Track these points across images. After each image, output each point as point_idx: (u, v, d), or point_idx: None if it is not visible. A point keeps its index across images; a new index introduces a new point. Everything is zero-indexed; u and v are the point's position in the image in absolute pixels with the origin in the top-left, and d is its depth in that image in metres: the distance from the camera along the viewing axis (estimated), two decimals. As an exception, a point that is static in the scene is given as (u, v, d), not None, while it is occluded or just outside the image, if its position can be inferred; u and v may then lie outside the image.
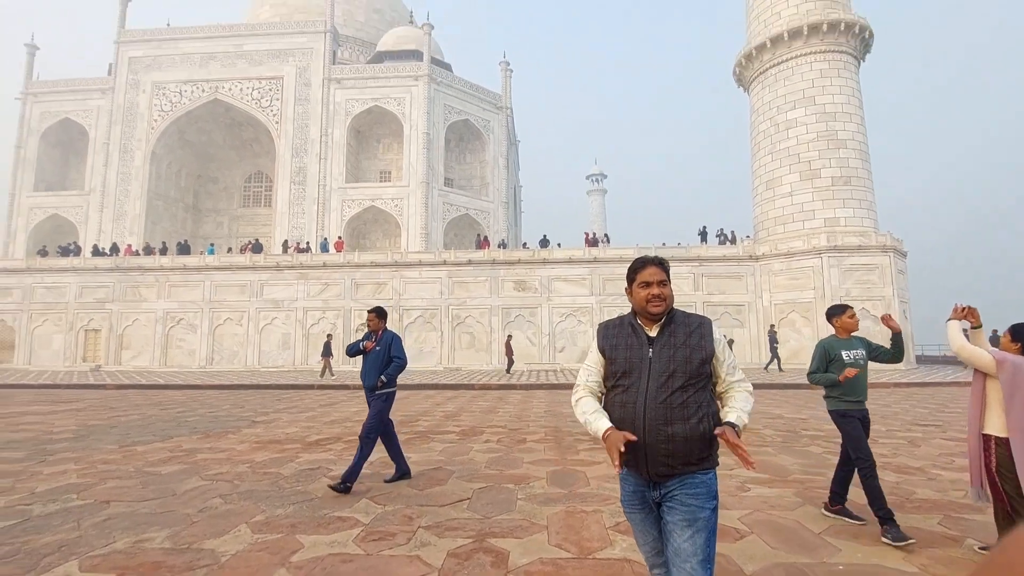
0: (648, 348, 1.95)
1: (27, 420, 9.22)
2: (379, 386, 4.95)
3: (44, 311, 25.64)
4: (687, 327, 1.97)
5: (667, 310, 1.99)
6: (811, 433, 7.40)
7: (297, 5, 42.03)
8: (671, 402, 1.86)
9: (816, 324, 20.95)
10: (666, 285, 2.00)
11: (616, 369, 1.98)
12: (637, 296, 2.02)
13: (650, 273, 2.01)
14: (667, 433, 1.84)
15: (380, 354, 5.04)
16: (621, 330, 2.05)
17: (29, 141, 34.29)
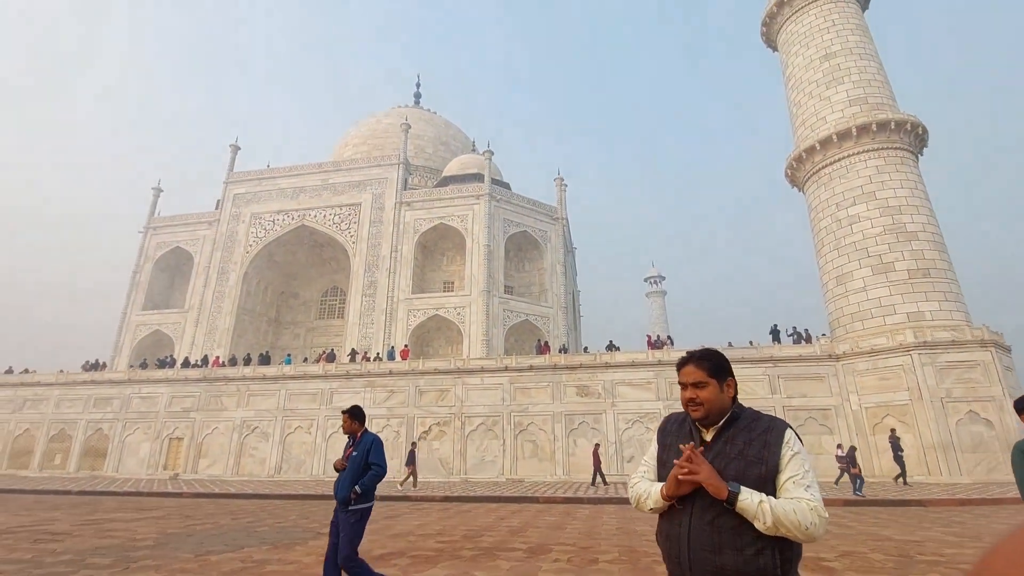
0: None
1: (113, 526, 9.66)
2: (352, 499, 4.24)
3: (137, 420, 27.59)
4: (749, 433, 1.71)
5: (711, 415, 1.76)
6: (929, 558, 6.41)
7: (375, 144, 48.05)
8: (720, 525, 1.57)
9: (917, 429, 18.76)
10: (703, 388, 1.76)
11: (665, 473, 1.75)
12: (681, 398, 1.83)
13: (686, 373, 1.80)
14: (715, 564, 1.56)
15: (357, 460, 4.37)
16: (680, 428, 1.85)
17: (145, 267, 39.45)
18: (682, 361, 1.86)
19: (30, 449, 28.24)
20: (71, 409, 28.66)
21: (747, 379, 22.04)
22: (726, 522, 1.59)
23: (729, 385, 1.79)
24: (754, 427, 1.72)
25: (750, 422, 1.74)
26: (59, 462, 27.61)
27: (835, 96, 25.01)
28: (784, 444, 1.66)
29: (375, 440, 4.50)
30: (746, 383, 21.99)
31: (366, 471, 4.32)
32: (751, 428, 1.72)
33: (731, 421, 1.75)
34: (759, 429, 1.71)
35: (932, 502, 12.53)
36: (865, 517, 10.59)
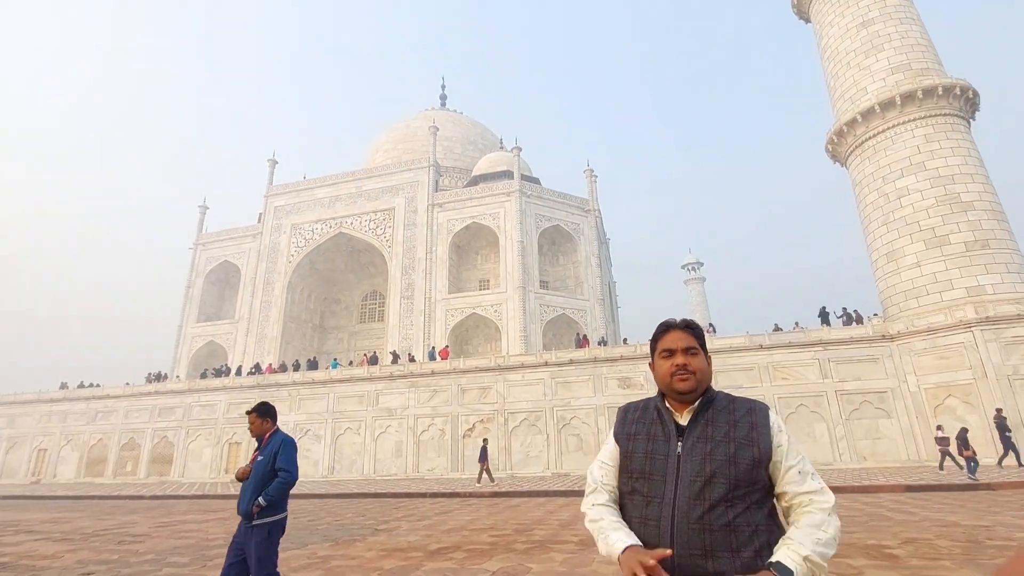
0: (676, 441, 1.51)
1: (186, 528, 10.31)
2: (254, 512, 3.57)
3: (198, 427, 29.13)
4: (731, 414, 1.53)
5: (700, 389, 1.55)
6: (999, 543, 6.15)
7: (405, 148, 48.85)
8: (711, 522, 1.37)
9: (982, 409, 17.79)
10: (697, 354, 1.58)
11: (633, 468, 1.53)
12: (660, 369, 1.60)
13: (674, 338, 1.60)
14: (707, 570, 1.34)
15: (263, 466, 3.70)
16: (644, 415, 1.62)
17: (196, 281, 41.49)
18: (665, 327, 1.66)
19: (104, 457, 30.23)
20: (138, 419, 30.50)
21: (796, 364, 21.42)
22: (718, 518, 1.37)
23: (709, 360, 1.62)
24: (734, 408, 1.54)
25: (728, 403, 1.57)
26: (130, 469, 29.46)
27: (875, 65, 23.84)
28: (773, 427, 1.51)
29: (285, 442, 3.82)
30: (795, 368, 21.38)
31: (274, 478, 3.66)
32: (731, 409, 1.54)
33: (709, 401, 1.56)
34: (741, 410, 1.53)
35: (1001, 485, 11.92)
36: (930, 503, 10.19)
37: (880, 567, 5.22)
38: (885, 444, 19.54)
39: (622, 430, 1.63)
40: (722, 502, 1.38)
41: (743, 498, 1.41)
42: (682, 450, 1.48)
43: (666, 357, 1.59)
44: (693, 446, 1.48)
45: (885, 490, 12.47)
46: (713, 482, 1.41)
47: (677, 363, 1.55)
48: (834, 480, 14.55)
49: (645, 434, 1.57)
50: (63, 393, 33.12)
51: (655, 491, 1.46)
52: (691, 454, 1.47)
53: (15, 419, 32.99)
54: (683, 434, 1.51)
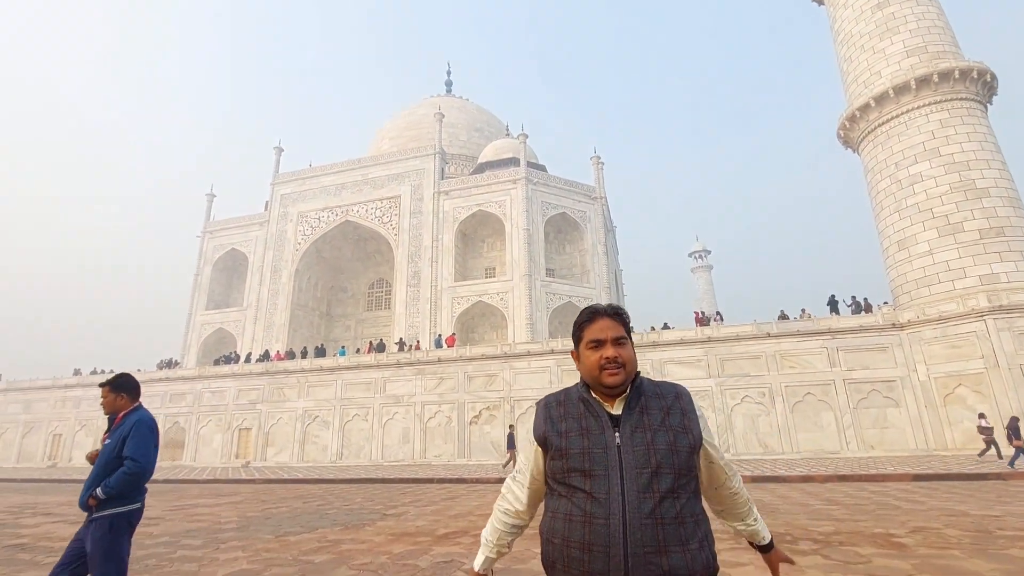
0: (613, 432, 1.42)
1: (198, 511, 10.47)
2: (91, 505, 3.00)
3: (209, 413, 29.52)
4: (661, 400, 1.48)
5: (627, 380, 1.48)
6: (1010, 534, 6.12)
7: (411, 135, 48.63)
8: (662, 515, 1.31)
9: (994, 399, 17.65)
10: (626, 344, 1.50)
11: (570, 465, 1.41)
12: (587, 361, 1.51)
13: (602, 327, 1.51)
14: (661, 568, 1.28)
15: (109, 451, 3.06)
16: (569, 408, 1.51)
17: (205, 269, 41.77)
18: (590, 314, 1.56)
19: (117, 442, 30.71)
20: (150, 405, 30.81)
21: (803, 352, 21.31)
22: (667, 510, 1.32)
23: (633, 347, 1.55)
24: (662, 393, 1.50)
25: (655, 388, 1.52)
26: (143, 453, 29.94)
27: (890, 48, 23.34)
28: (699, 411, 1.50)
29: (139, 423, 3.14)
30: (802, 356, 21.28)
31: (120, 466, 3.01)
32: (660, 395, 1.50)
33: (638, 388, 1.50)
34: (669, 395, 1.50)
35: (1013, 475, 11.86)
36: (938, 492, 10.16)
37: (888, 556, 5.21)
38: (893, 433, 19.47)
39: (551, 428, 1.49)
40: (670, 494, 1.34)
41: (684, 487, 1.38)
42: (621, 440, 1.40)
43: (594, 348, 1.50)
44: (632, 435, 1.40)
45: (893, 479, 12.44)
46: (660, 473, 1.35)
47: (607, 355, 1.46)
48: (841, 469, 14.54)
49: (578, 428, 1.45)
50: (77, 379, 33.63)
51: (599, 487, 1.35)
52: (631, 444, 1.39)
53: (31, 404, 33.59)
54: (618, 424, 1.43)
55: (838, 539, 6.08)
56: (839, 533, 6.44)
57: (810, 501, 9.48)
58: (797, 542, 5.98)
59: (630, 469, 1.36)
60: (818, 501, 9.45)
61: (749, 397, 21.36)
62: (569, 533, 1.36)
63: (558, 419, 1.50)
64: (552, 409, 1.53)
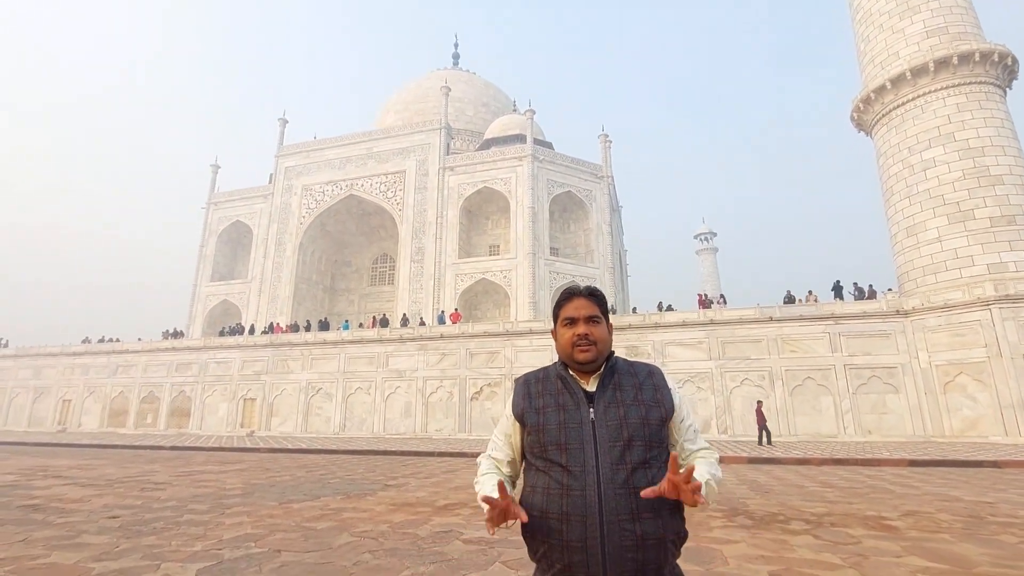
0: (587, 408, 1.49)
1: (204, 478, 10.72)
2: None
3: (214, 383, 29.93)
4: (634, 377, 1.56)
5: (600, 358, 1.55)
6: (1002, 520, 6.21)
7: (417, 109, 47.97)
8: (635, 484, 1.38)
9: (994, 387, 17.70)
10: (599, 323, 1.57)
11: (547, 440, 1.48)
12: (562, 338, 1.60)
13: (576, 306, 1.59)
14: (635, 534, 1.35)
15: None
16: (547, 385, 1.58)
17: (210, 241, 41.83)
18: (567, 295, 1.64)
19: (125, 409, 31.31)
20: (157, 374, 31.38)
21: (805, 337, 21.34)
22: (639, 480, 1.39)
23: (610, 328, 1.63)
24: (635, 371, 1.58)
25: (628, 367, 1.59)
26: (150, 421, 30.52)
27: (910, 28, 22.69)
28: (672, 386, 1.57)
29: None
30: (804, 341, 21.31)
31: None
32: (633, 372, 1.57)
33: (612, 367, 1.57)
34: (642, 373, 1.57)
35: (1008, 463, 11.95)
36: (932, 477, 10.28)
37: (879, 537, 5.30)
38: (891, 419, 19.60)
39: (529, 405, 1.56)
40: (642, 464, 1.41)
41: (656, 457, 1.44)
42: (595, 416, 1.47)
43: (568, 326, 1.59)
44: (606, 411, 1.48)
45: (888, 464, 12.58)
46: (632, 445, 1.42)
47: (578, 332, 1.55)
48: (837, 452, 14.69)
49: (555, 404, 1.52)
50: (85, 347, 34.08)
51: (575, 461, 1.42)
52: (605, 419, 1.46)
53: (41, 371, 34.13)
54: (592, 400, 1.50)
55: (830, 520, 6.19)
56: (831, 514, 6.54)
57: (805, 483, 9.62)
58: (789, 522, 6.08)
59: (603, 442, 1.43)
60: (813, 483, 9.58)
61: (749, 380, 21.47)
62: (547, 505, 1.42)
63: (536, 396, 1.57)
64: (532, 386, 1.61)
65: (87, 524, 6.06)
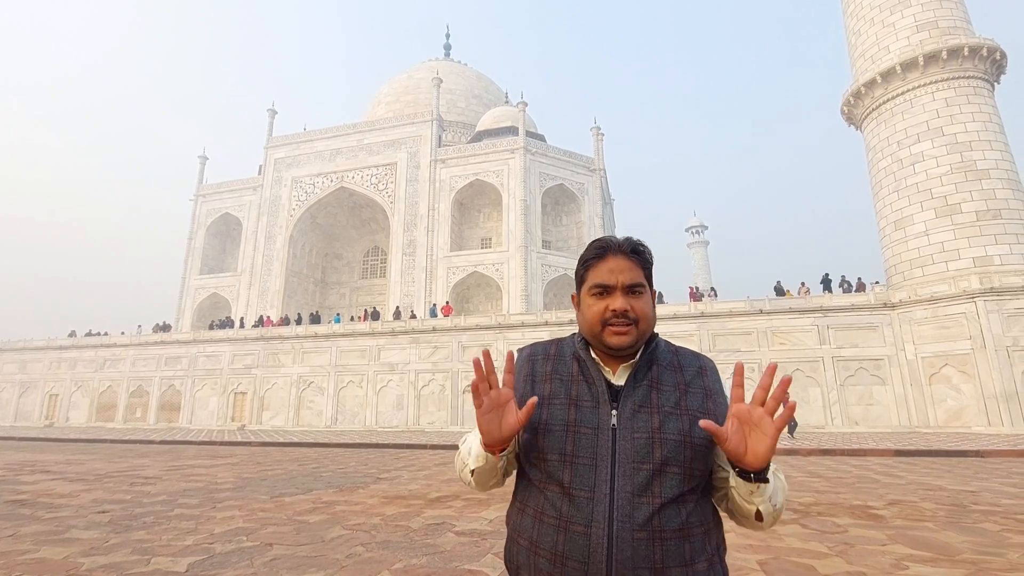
0: (609, 409, 1.08)
1: (196, 472, 10.66)
2: None
3: (204, 377, 29.73)
4: (678, 374, 1.13)
5: (638, 342, 1.12)
6: (984, 508, 6.34)
7: (408, 101, 47.60)
8: (662, 527, 0.99)
9: (978, 379, 18.02)
10: (643, 294, 1.13)
11: (548, 445, 1.08)
12: (589, 311, 1.13)
13: (612, 268, 1.13)
14: None
15: None
16: (559, 366, 1.16)
17: (198, 233, 41.36)
18: (600, 249, 1.16)
19: (114, 404, 31.04)
20: (145, 368, 31.11)
21: (795, 329, 21.58)
22: (669, 520, 1.00)
23: (654, 299, 1.19)
24: (682, 365, 1.15)
25: (673, 357, 1.17)
26: (140, 415, 30.28)
27: (900, 21, 22.81)
28: (726, 393, 1.15)
29: None
30: (793, 333, 21.55)
31: None
32: (679, 367, 1.14)
33: (650, 355, 1.14)
34: (690, 368, 1.15)
35: (991, 452, 12.20)
36: (917, 467, 10.46)
37: (864, 526, 5.40)
38: (878, 410, 19.92)
39: (531, 390, 1.14)
40: (675, 500, 1.01)
41: (694, 490, 1.05)
42: (618, 421, 1.06)
43: (598, 295, 1.13)
44: (633, 417, 1.06)
45: (874, 454, 12.79)
46: (665, 471, 1.02)
47: (616, 307, 1.09)
48: (825, 443, 14.91)
49: (565, 396, 1.11)
50: (72, 341, 33.67)
51: (582, 481, 1.03)
52: (631, 428, 1.05)
53: (27, 365, 33.70)
54: (618, 398, 1.09)
55: (817, 510, 6.29)
56: (818, 504, 6.65)
57: (792, 473, 9.76)
58: (778, 512, 6.16)
59: (625, 462, 1.03)
60: (800, 473, 9.72)
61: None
62: (539, 537, 1.05)
63: (542, 379, 1.15)
64: (538, 364, 1.18)
65: (76, 519, 6.01)
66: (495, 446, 1.09)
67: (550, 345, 1.23)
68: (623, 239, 1.17)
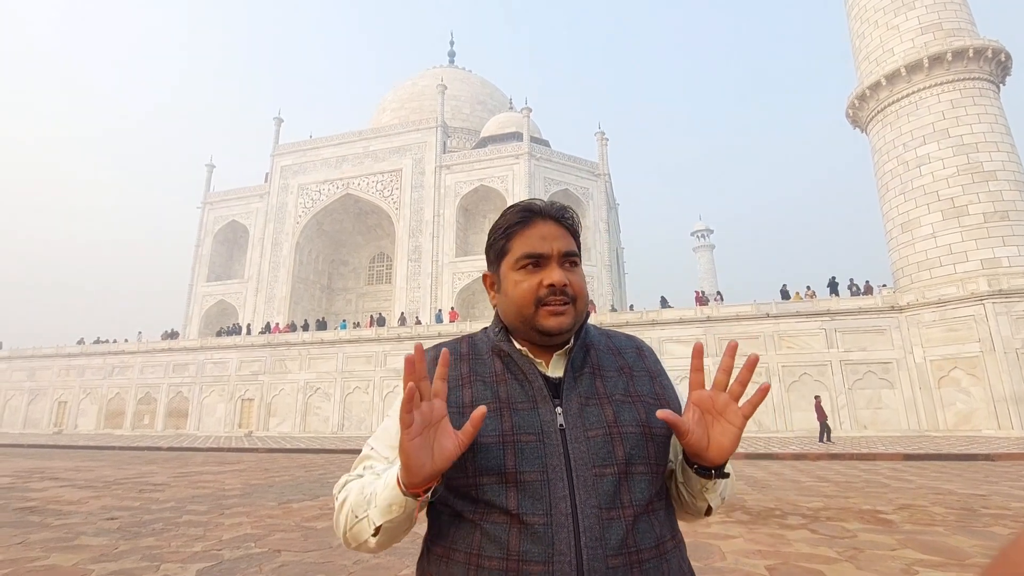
0: (551, 407, 0.88)
1: (203, 478, 10.71)
2: None
3: (212, 383, 29.88)
4: (618, 357, 0.98)
5: (576, 324, 0.94)
6: (994, 512, 6.28)
7: (413, 108, 47.92)
8: (638, 547, 0.81)
9: (987, 381, 17.83)
10: (576, 266, 0.97)
11: (481, 465, 0.83)
12: (515, 290, 0.93)
13: (543, 234, 0.95)
14: None
15: None
16: (476, 366, 0.95)
17: (205, 241, 41.69)
18: (525, 213, 0.98)
19: (122, 411, 31.23)
20: (153, 375, 31.30)
21: (801, 333, 21.45)
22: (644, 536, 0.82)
23: None
24: (618, 348, 1.00)
25: (607, 339, 1.02)
26: (148, 422, 30.45)
27: (905, 24, 22.77)
28: (665, 373, 1.01)
29: None
30: (800, 337, 21.42)
31: None
32: (616, 350, 0.99)
33: (584, 340, 0.97)
34: (628, 350, 1.00)
35: (1000, 456, 12.06)
36: (927, 471, 10.36)
37: (873, 531, 5.36)
38: (886, 414, 19.73)
39: (449, 399, 0.87)
40: (647, 508, 0.84)
41: (660, 493, 0.89)
42: (565, 420, 0.86)
43: (528, 268, 0.93)
44: (582, 412, 0.87)
45: (883, 458, 12.67)
46: (632, 474, 0.84)
47: (554, 280, 0.91)
48: (833, 448, 14.79)
49: (493, 399, 0.89)
50: (80, 348, 33.95)
51: (533, 503, 0.80)
52: (583, 427, 0.86)
53: (36, 372, 33.99)
54: (558, 393, 0.89)
55: (826, 515, 6.24)
56: (827, 509, 6.60)
57: (801, 478, 9.68)
58: (786, 516, 6.13)
59: (583, 468, 0.82)
60: (809, 478, 9.65)
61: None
62: None
63: (457, 383, 0.92)
64: (451, 367, 0.94)
65: (85, 526, 6.06)
66: (421, 485, 0.78)
67: (459, 343, 1.01)
68: (548, 202, 1.01)
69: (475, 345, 1.00)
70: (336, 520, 0.89)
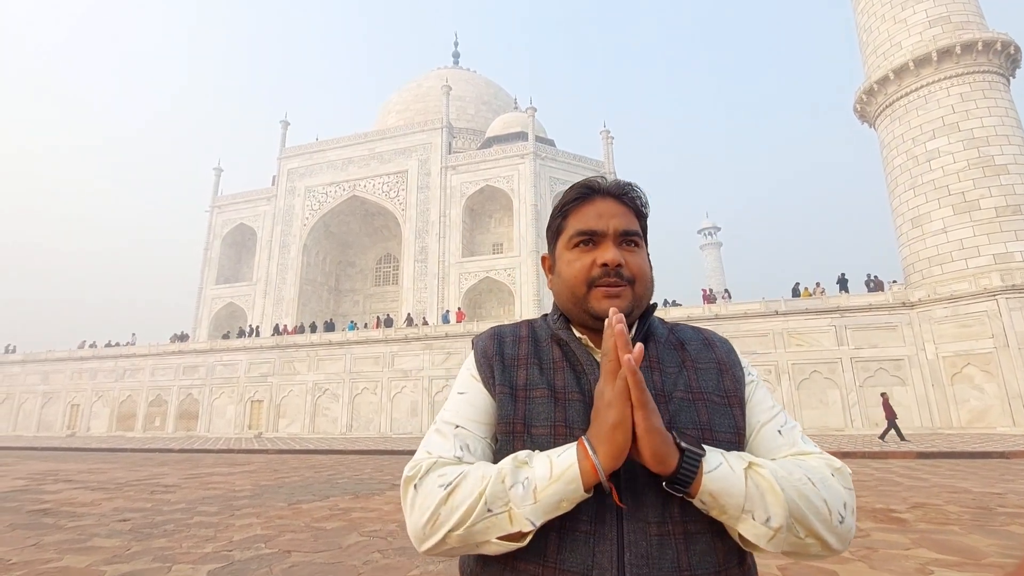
0: None
1: (213, 480, 10.79)
2: None
3: (221, 385, 30.11)
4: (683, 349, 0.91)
5: (635, 309, 0.87)
6: (1010, 510, 6.18)
7: (418, 109, 48.01)
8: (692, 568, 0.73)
9: (1001, 378, 17.59)
10: (639, 249, 0.89)
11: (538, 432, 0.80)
12: (567, 270, 0.88)
13: (600, 212, 0.87)
14: None
15: None
16: (536, 351, 0.89)
17: (214, 244, 42.02)
18: (585, 190, 0.90)
19: (133, 413, 31.54)
20: (164, 377, 31.59)
21: (811, 330, 21.28)
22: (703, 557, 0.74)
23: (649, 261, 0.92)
24: (683, 340, 0.92)
25: (669, 332, 0.94)
26: (158, 424, 30.73)
27: (912, 17, 22.51)
28: (745, 368, 0.91)
29: None
30: (810, 334, 21.24)
31: None
32: (680, 343, 0.91)
33: (647, 328, 0.90)
34: (693, 343, 0.92)
35: (1016, 454, 11.89)
36: (941, 469, 10.23)
37: (887, 530, 5.30)
38: (899, 411, 19.45)
39: (503, 377, 0.85)
40: (708, 528, 0.75)
41: None
42: None
43: (582, 248, 0.87)
44: None
45: (896, 456, 12.54)
46: None
47: (607, 259, 0.83)
48: (845, 446, 14.65)
49: (548, 387, 0.83)
50: (92, 352, 34.33)
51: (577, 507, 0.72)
52: None
53: (49, 376, 34.40)
54: None
55: (838, 514, 6.17)
56: (840, 508, 6.52)
57: (812, 477, 9.58)
58: (798, 516, 6.07)
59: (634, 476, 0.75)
60: (820, 477, 9.55)
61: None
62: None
63: (514, 363, 0.87)
64: (507, 346, 0.89)
65: (98, 527, 6.12)
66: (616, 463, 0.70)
67: (519, 327, 0.94)
68: (612, 181, 0.91)
69: (534, 329, 0.93)
70: (435, 511, 0.71)
